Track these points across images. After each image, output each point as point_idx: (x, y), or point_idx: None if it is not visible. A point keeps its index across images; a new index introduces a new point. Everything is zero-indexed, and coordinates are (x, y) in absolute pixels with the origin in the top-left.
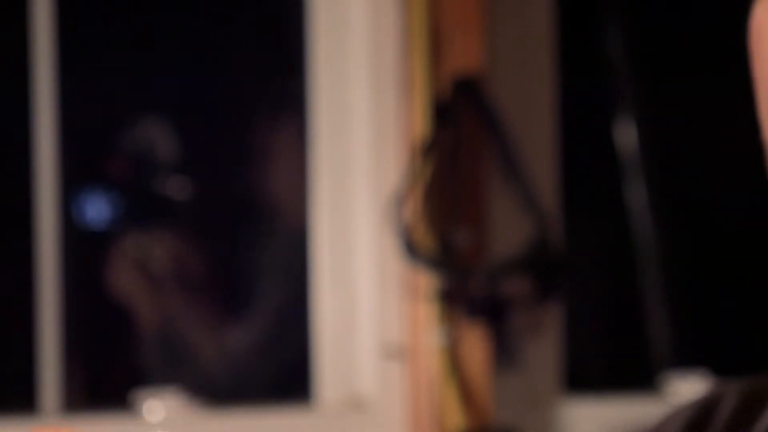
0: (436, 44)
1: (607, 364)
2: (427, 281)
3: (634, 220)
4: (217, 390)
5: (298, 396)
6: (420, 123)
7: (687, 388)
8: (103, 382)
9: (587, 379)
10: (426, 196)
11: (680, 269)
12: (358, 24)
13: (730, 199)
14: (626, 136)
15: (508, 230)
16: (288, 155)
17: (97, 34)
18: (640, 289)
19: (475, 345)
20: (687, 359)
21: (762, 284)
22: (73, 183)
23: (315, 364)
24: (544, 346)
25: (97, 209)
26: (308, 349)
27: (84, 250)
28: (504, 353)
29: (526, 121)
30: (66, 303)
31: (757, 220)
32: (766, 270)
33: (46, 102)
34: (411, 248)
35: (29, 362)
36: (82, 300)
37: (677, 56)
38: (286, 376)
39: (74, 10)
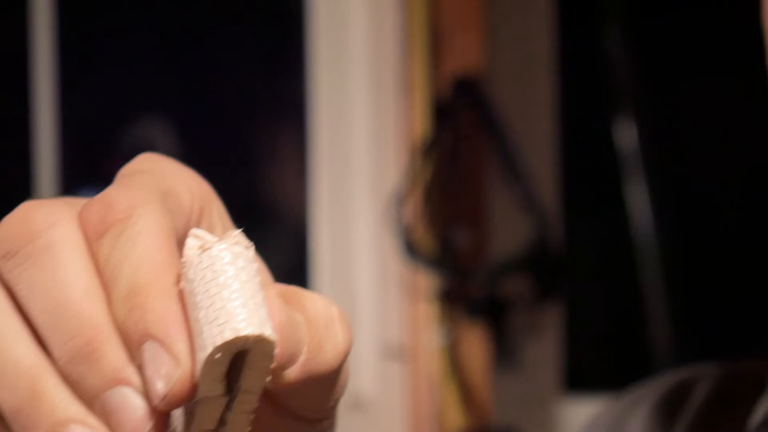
0: (436, 44)
1: (607, 363)
2: (427, 281)
3: (634, 220)
4: None
5: None
6: (420, 123)
7: None
8: None
9: (587, 379)
10: (426, 196)
11: (680, 269)
12: (358, 24)
13: (730, 198)
14: (626, 135)
15: (508, 230)
16: (288, 155)
17: (97, 34)
18: (640, 288)
19: (475, 345)
20: (687, 359)
21: (763, 283)
22: (73, 183)
23: None
24: (544, 346)
25: None
26: None
27: None
28: (504, 353)
29: (526, 121)
30: None
31: (757, 219)
32: (766, 269)
33: (46, 101)
34: (411, 248)
35: None
36: None
37: (677, 55)
38: None
39: (74, 9)
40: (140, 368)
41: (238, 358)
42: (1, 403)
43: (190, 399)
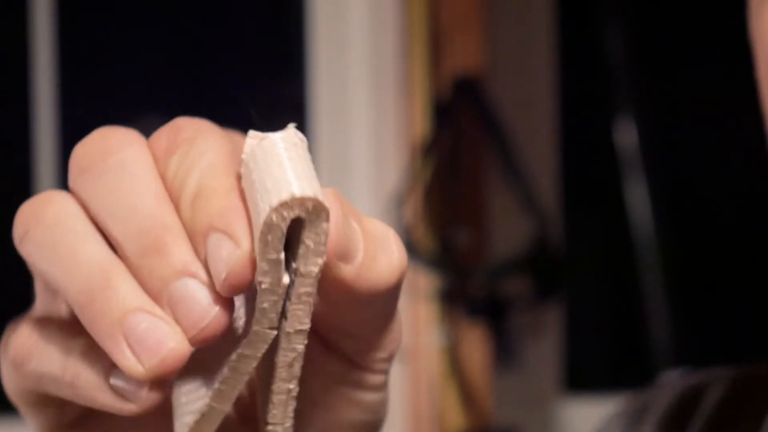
0: (436, 44)
1: (608, 363)
2: (427, 281)
3: (634, 220)
4: None
5: None
6: (420, 123)
7: None
8: None
9: (587, 379)
10: (426, 196)
11: (681, 268)
12: (358, 24)
13: (730, 198)
14: (626, 135)
15: (508, 230)
16: None
17: (96, 34)
18: (640, 288)
19: (475, 345)
20: (687, 359)
21: (763, 283)
22: None
23: None
24: (544, 346)
25: None
26: None
27: None
28: (504, 353)
29: (526, 121)
30: None
31: (757, 219)
32: (766, 269)
33: (46, 102)
34: (411, 248)
35: None
36: None
37: (677, 55)
38: None
39: (74, 9)
40: (206, 261)
41: (295, 243)
42: (74, 295)
43: (250, 283)
